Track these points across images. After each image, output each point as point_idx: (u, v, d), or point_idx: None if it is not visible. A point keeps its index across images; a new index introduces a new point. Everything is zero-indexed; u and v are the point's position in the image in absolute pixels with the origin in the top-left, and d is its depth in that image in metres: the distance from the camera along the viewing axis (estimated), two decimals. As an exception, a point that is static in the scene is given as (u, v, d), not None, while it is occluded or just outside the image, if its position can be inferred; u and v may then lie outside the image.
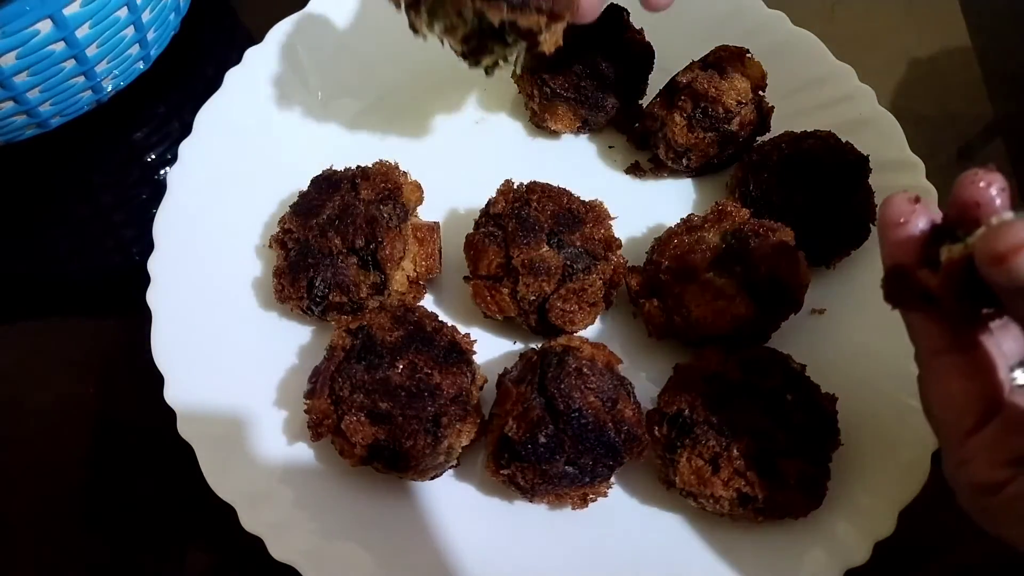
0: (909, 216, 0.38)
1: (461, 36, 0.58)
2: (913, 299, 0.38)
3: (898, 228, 0.38)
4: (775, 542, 0.54)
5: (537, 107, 0.71)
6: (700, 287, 0.57)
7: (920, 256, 0.37)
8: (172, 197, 0.65)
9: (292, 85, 0.73)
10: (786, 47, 0.74)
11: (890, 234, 0.38)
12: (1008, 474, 0.38)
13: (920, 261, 0.37)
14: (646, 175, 0.72)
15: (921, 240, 0.38)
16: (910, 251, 0.38)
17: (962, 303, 0.36)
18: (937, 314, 0.39)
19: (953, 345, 0.39)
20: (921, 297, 0.37)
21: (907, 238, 0.38)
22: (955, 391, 0.39)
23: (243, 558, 0.58)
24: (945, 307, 0.37)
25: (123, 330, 0.68)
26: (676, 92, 0.67)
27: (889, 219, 0.38)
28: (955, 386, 0.39)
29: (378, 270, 0.59)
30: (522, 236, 0.58)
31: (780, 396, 0.53)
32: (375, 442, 0.51)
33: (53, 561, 0.59)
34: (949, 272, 0.35)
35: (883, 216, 0.39)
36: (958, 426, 0.39)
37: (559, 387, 0.51)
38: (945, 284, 0.35)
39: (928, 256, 0.37)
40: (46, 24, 0.60)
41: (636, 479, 0.57)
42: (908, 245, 0.38)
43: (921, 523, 0.59)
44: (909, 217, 0.38)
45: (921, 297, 0.37)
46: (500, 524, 0.56)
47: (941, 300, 0.36)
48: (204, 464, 0.55)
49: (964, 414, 0.39)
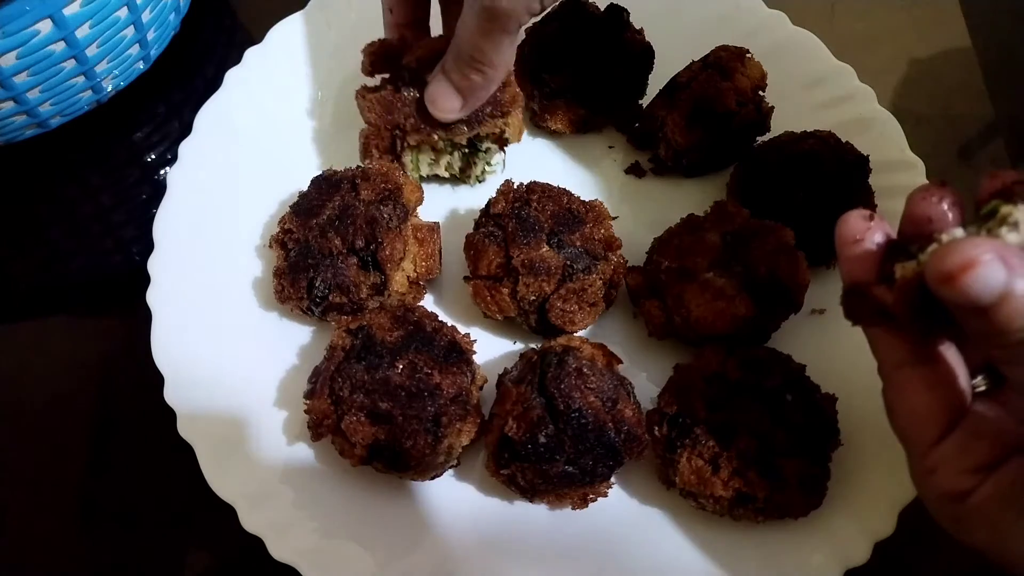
0: (864, 233, 0.38)
1: (445, 165, 0.67)
2: (871, 315, 0.39)
3: (854, 245, 0.38)
4: (775, 542, 0.54)
5: (537, 107, 0.71)
6: (700, 287, 0.57)
7: (876, 273, 0.38)
8: (172, 197, 0.65)
9: (292, 85, 0.73)
10: (786, 47, 0.74)
11: (846, 251, 0.39)
12: (974, 481, 0.38)
13: (877, 278, 0.38)
14: (646, 175, 0.72)
15: (877, 257, 0.38)
16: (866, 268, 0.38)
17: (917, 319, 0.36)
18: (897, 328, 0.39)
19: (914, 358, 0.40)
20: (878, 313, 0.38)
21: (863, 255, 0.38)
22: (918, 403, 0.40)
23: (243, 558, 0.58)
24: (902, 323, 0.37)
25: (123, 330, 0.68)
26: (676, 92, 0.67)
27: (845, 237, 0.39)
28: (918, 398, 0.40)
29: (378, 270, 0.59)
30: (522, 236, 0.58)
31: (780, 396, 0.53)
32: (375, 442, 0.51)
33: (53, 561, 0.59)
34: (903, 290, 0.36)
35: (839, 234, 0.39)
36: (923, 437, 0.40)
37: (559, 387, 0.51)
38: (900, 301, 0.36)
39: (884, 272, 0.38)
40: (46, 24, 0.60)
41: (636, 479, 0.57)
42: (864, 262, 0.38)
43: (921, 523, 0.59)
44: (864, 234, 0.38)
45: (878, 313, 0.38)
46: (500, 524, 0.56)
47: (897, 316, 0.37)
48: (204, 464, 0.55)
49: (928, 425, 0.40)
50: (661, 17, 0.77)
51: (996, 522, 0.37)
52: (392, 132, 0.63)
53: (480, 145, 0.66)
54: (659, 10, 0.78)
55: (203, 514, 0.57)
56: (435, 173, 0.68)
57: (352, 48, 0.75)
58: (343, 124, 0.73)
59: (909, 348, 0.40)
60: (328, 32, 0.76)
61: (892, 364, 0.41)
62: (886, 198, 0.67)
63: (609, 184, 0.72)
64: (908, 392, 0.40)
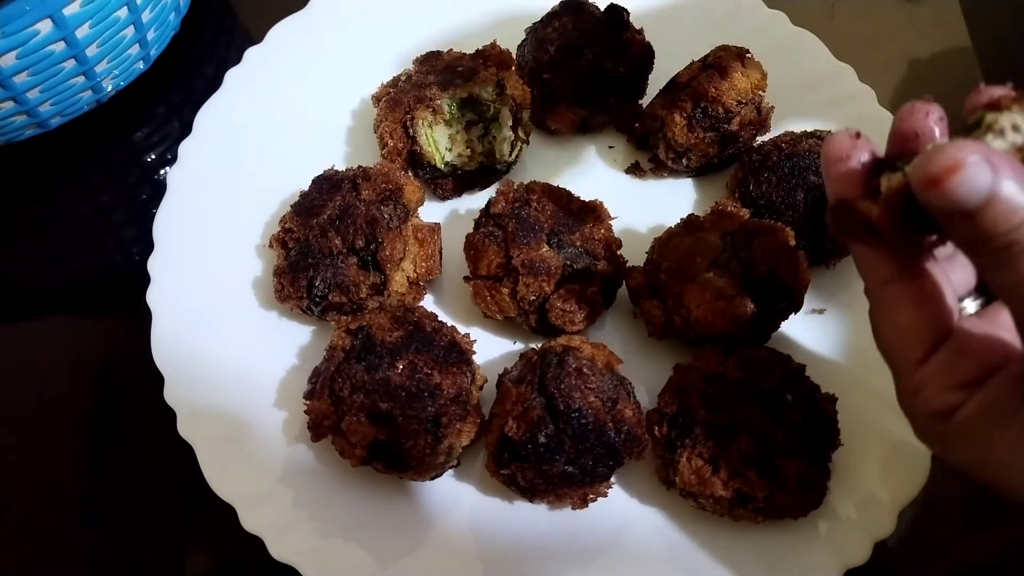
0: (851, 151, 0.38)
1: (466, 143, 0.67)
2: (857, 230, 0.39)
3: (840, 163, 0.38)
4: (775, 542, 0.54)
5: (537, 107, 0.71)
6: (700, 287, 0.57)
7: (863, 189, 0.38)
8: (172, 197, 0.65)
9: (292, 85, 0.73)
10: (786, 47, 0.74)
11: (832, 169, 0.39)
12: (959, 398, 0.38)
13: (863, 194, 0.38)
14: (646, 175, 0.72)
15: (863, 173, 0.38)
16: (852, 184, 0.38)
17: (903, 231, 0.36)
18: (882, 245, 0.39)
19: (900, 274, 0.39)
20: (864, 228, 0.38)
21: (849, 172, 0.38)
22: (904, 320, 0.40)
23: (243, 558, 0.58)
24: (888, 236, 0.37)
25: (123, 330, 0.68)
26: (676, 92, 0.67)
27: (831, 155, 0.39)
28: (904, 315, 0.40)
29: (378, 270, 0.59)
30: (522, 236, 0.58)
31: (780, 396, 0.53)
32: (375, 442, 0.51)
33: (53, 561, 0.59)
34: (888, 201, 0.36)
35: (826, 153, 0.39)
36: (909, 355, 0.40)
37: (559, 387, 0.51)
38: (886, 213, 0.36)
39: (870, 188, 0.38)
40: (46, 24, 0.60)
41: (636, 479, 0.57)
42: (850, 179, 0.38)
43: (921, 523, 0.59)
44: (851, 152, 0.38)
45: (864, 228, 0.38)
46: (500, 524, 0.56)
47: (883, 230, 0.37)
48: (204, 464, 0.55)
49: (914, 343, 0.40)
50: (661, 17, 0.77)
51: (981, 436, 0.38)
52: (403, 120, 0.65)
53: (488, 112, 0.66)
54: (659, 10, 0.78)
55: (203, 514, 0.57)
56: (460, 162, 0.67)
57: (352, 48, 0.76)
58: (343, 124, 0.74)
59: (895, 265, 0.40)
60: (328, 32, 0.76)
61: (878, 282, 0.40)
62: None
63: (609, 184, 0.72)
64: (894, 309, 0.40)
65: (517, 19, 0.74)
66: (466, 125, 0.67)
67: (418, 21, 0.77)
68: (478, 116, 0.66)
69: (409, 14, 0.78)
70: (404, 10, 0.78)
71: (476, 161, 0.67)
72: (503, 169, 0.69)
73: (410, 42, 0.74)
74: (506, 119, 0.66)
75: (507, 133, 0.67)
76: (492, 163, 0.68)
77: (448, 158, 0.67)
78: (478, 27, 0.77)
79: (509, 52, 0.68)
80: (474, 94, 0.65)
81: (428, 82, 0.66)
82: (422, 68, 0.69)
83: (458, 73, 0.66)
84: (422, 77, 0.67)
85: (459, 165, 0.67)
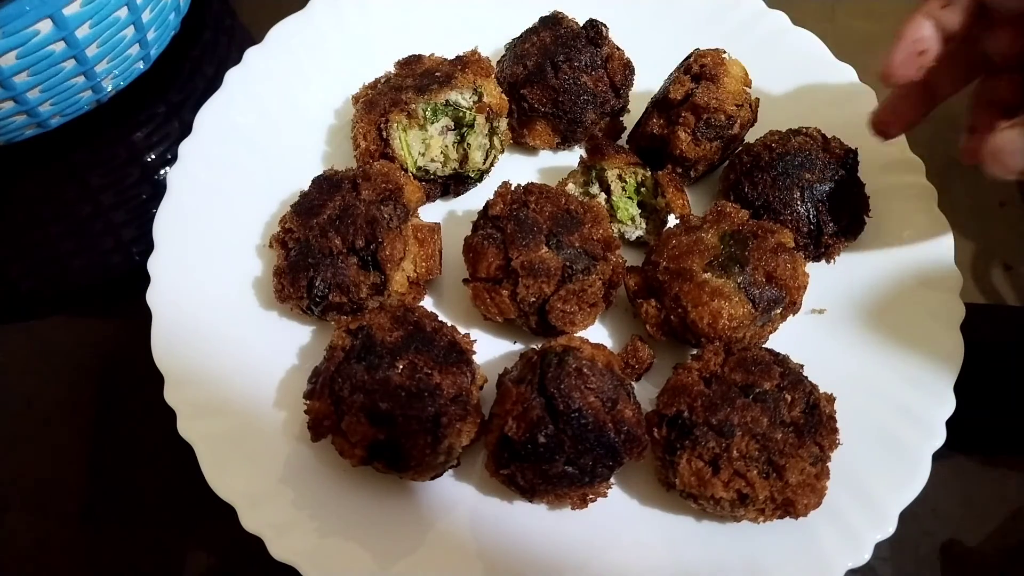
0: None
1: (440, 149, 0.66)
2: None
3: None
4: (775, 542, 0.54)
5: (515, 123, 0.70)
6: (698, 287, 0.57)
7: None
8: (172, 197, 0.65)
9: (292, 85, 0.73)
10: (786, 47, 0.74)
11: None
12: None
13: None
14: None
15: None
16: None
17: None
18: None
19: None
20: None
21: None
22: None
23: (243, 558, 0.58)
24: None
25: (123, 330, 0.68)
26: (673, 109, 0.66)
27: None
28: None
29: (378, 270, 0.59)
30: (521, 238, 0.58)
31: (780, 396, 0.53)
32: (375, 442, 0.51)
33: (53, 561, 0.59)
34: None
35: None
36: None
37: (559, 387, 0.51)
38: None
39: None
40: (46, 24, 0.60)
41: (636, 479, 0.57)
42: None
43: (921, 523, 0.59)
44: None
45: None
46: (500, 524, 0.56)
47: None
48: (204, 464, 0.55)
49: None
50: (660, 17, 0.77)
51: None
52: (377, 123, 0.64)
53: (464, 118, 0.65)
54: (659, 9, 0.78)
55: (203, 514, 0.57)
56: (432, 167, 0.66)
57: (351, 47, 0.76)
58: (343, 124, 0.73)
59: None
60: (328, 32, 0.76)
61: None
62: (886, 198, 0.67)
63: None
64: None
65: (524, 25, 0.72)
66: (442, 131, 0.66)
67: (418, 22, 0.77)
68: (454, 122, 0.66)
69: (409, 15, 0.78)
70: (404, 11, 0.78)
71: (450, 167, 0.67)
72: (476, 177, 0.68)
73: (410, 43, 0.74)
74: (482, 127, 0.66)
75: (482, 141, 0.67)
76: (465, 171, 0.67)
77: (421, 163, 0.66)
78: (479, 28, 0.76)
79: (488, 60, 0.67)
80: (450, 100, 0.65)
81: (405, 85, 0.65)
82: (402, 71, 0.68)
83: (435, 78, 0.65)
84: (400, 80, 0.67)
85: (432, 171, 0.67)
